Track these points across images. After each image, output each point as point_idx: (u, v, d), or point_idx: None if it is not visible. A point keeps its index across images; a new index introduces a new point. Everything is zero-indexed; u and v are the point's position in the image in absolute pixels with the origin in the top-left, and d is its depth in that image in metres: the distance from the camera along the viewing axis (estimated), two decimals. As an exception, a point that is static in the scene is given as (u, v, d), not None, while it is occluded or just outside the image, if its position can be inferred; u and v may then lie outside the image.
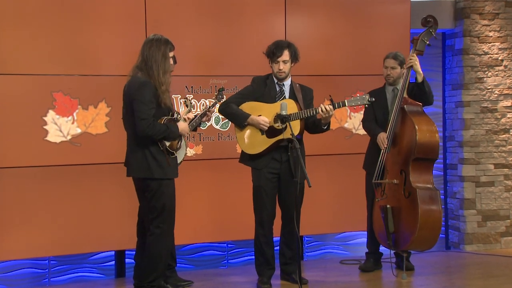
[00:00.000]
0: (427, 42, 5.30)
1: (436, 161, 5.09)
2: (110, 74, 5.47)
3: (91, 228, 5.44)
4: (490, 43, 6.71)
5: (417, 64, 5.25)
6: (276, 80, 5.07)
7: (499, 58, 6.72)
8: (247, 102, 5.06)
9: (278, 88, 5.08)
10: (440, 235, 5.21)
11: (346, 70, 6.17)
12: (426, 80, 5.34)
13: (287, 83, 5.10)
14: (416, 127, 5.09)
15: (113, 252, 5.70)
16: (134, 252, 4.87)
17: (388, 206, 5.19)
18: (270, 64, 5.05)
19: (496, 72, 6.72)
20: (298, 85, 5.13)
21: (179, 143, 4.66)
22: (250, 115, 4.99)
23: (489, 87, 6.71)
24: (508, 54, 6.76)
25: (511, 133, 6.78)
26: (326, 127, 5.04)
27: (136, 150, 4.55)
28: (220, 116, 5.45)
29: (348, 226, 6.27)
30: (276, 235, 5.17)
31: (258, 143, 5.01)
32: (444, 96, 6.95)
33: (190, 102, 4.97)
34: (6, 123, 5.21)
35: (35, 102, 5.27)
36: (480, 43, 6.69)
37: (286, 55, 4.96)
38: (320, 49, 6.14)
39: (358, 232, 5.98)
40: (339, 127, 6.19)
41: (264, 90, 5.07)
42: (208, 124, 5.75)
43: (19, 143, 5.23)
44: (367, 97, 4.89)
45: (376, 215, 5.35)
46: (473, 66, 6.68)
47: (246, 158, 5.09)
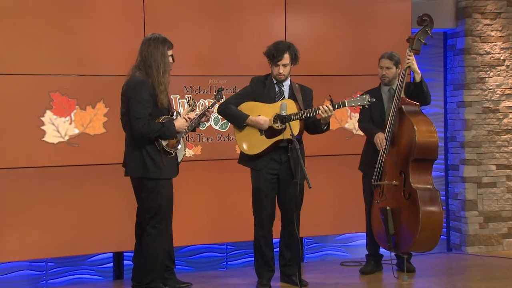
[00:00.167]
0: (424, 41, 5.29)
1: (438, 162, 5.07)
2: (108, 74, 5.45)
3: (89, 230, 5.43)
4: (492, 42, 6.69)
5: (414, 64, 5.25)
6: (275, 81, 5.05)
7: (501, 58, 6.71)
8: (246, 102, 5.04)
9: (277, 89, 5.06)
10: (441, 236, 5.20)
11: (347, 70, 6.16)
12: (424, 80, 5.31)
13: (287, 84, 5.08)
14: (415, 128, 5.06)
15: (111, 254, 5.68)
16: (133, 253, 4.84)
17: (388, 208, 5.17)
18: (269, 64, 5.02)
19: (498, 72, 6.70)
20: (297, 85, 5.11)
21: (178, 142, 4.64)
22: (249, 115, 4.97)
23: (491, 87, 6.69)
24: (510, 54, 6.73)
25: (513, 133, 6.79)
26: (326, 128, 5.02)
27: (134, 150, 4.55)
28: (219, 116, 5.43)
29: (349, 228, 6.26)
30: (276, 237, 5.16)
31: (257, 143, 4.99)
32: (445, 96, 6.94)
33: (193, 101, 4.93)
34: (3, 124, 5.18)
35: (32, 102, 5.25)
36: (482, 42, 6.67)
37: (286, 59, 4.95)
38: (320, 49, 6.13)
39: (359, 233, 5.97)
40: (340, 128, 6.18)
41: (263, 90, 5.05)
42: (207, 124, 5.73)
43: (16, 143, 5.21)
44: (368, 97, 4.88)
45: (375, 217, 5.33)
46: (474, 66, 6.66)
47: (245, 158, 5.07)
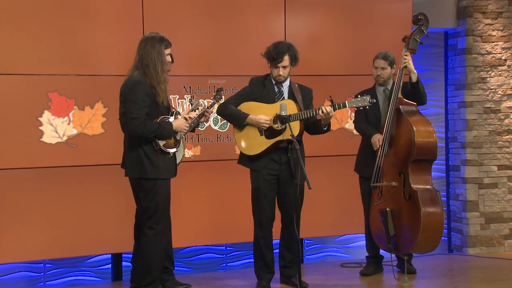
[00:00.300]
0: (420, 41, 5.28)
1: (439, 162, 5.06)
2: (107, 74, 5.44)
3: (87, 231, 5.41)
4: (493, 42, 6.67)
5: (411, 63, 5.24)
6: (274, 81, 5.04)
7: (503, 58, 6.69)
8: (246, 102, 5.03)
9: (276, 89, 5.05)
10: (442, 237, 5.18)
11: (347, 70, 6.14)
12: (420, 79, 5.30)
13: (286, 84, 5.07)
14: (414, 128, 5.04)
15: (109, 255, 5.66)
16: (131, 255, 4.83)
17: (387, 209, 5.14)
18: (269, 65, 5.01)
19: (500, 72, 6.68)
20: (297, 85, 5.10)
21: (177, 143, 4.63)
22: (249, 114, 4.96)
23: (492, 87, 6.68)
24: (512, 54, 6.75)
25: (515, 134, 6.77)
26: (326, 128, 5.01)
27: (131, 150, 4.55)
28: (218, 116, 5.42)
29: (349, 229, 6.24)
30: (276, 238, 5.14)
31: (257, 144, 4.97)
32: (446, 96, 6.92)
33: (196, 100, 4.90)
34: (1, 124, 5.16)
35: (30, 103, 5.23)
36: (483, 42, 6.65)
37: (286, 61, 4.93)
38: (320, 48, 6.12)
39: (359, 234, 5.94)
40: (340, 128, 6.16)
41: (262, 90, 5.04)
42: (207, 125, 5.71)
43: (14, 144, 5.19)
44: (368, 98, 4.87)
45: (374, 218, 5.30)
46: (476, 65, 6.65)
47: (245, 159, 5.06)
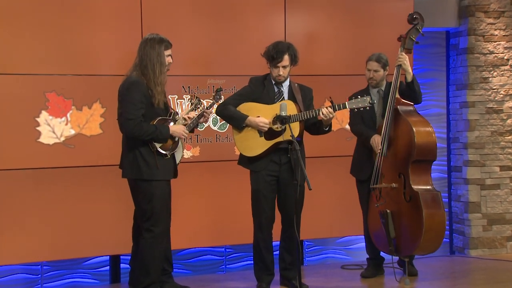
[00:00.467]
0: (415, 40, 5.27)
1: (440, 163, 5.05)
2: (105, 74, 5.42)
3: (85, 232, 5.39)
4: (496, 42, 6.66)
5: (406, 63, 5.23)
6: (274, 82, 5.02)
7: (505, 58, 6.68)
8: (245, 103, 5.01)
9: (276, 89, 5.03)
10: (444, 239, 5.18)
11: (348, 69, 6.11)
12: (417, 79, 5.29)
13: (286, 84, 5.05)
14: (414, 129, 5.03)
15: (107, 257, 5.65)
16: (130, 257, 4.82)
17: (388, 211, 5.12)
18: (268, 65, 4.99)
19: (502, 72, 6.67)
20: (297, 85, 5.08)
21: (175, 144, 4.61)
22: (248, 116, 4.94)
23: (494, 87, 6.66)
24: (514, 53, 6.75)
25: (517, 134, 6.76)
26: (327, 129, 5.00)
27: (128, 151, 4.56)
28: (218, 117, 5.39)
29: (350, 230, 6.22)
30: (276, 240, 5.12)
31: (256, 145, 4.95)
32: (448, 96, 6.92)
33: (197, 100, 4.87)
34: (-2, 124, 5.17)
35: (28, 103, 5.21)
36: (485, 42, 6.65)
37: (286, 60, 4.91)
38: (320, 48, 6.10)
39: (360, 236, 5.91)
40: (340, 128, 6.14)
41: (262, 91, 5.02)
42: (206, 125, 5.70)
43: (11, 144, 5.17)
44: (368, 99, 4.86)
45: (372, 220, 5.27)
46: (478, 65, 6.63)
47: (244, 160, 5.04)
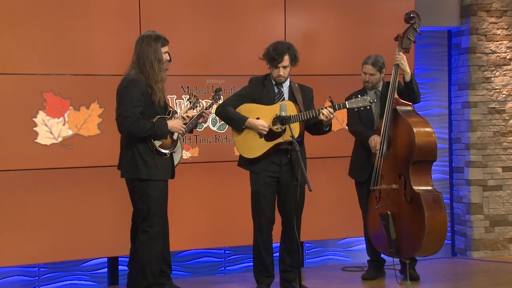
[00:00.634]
0: (413, 39, 5.24)
1: (442, 164, 5.02)
2: (103, 74, 5.41)
3: (83, 234, 5.38)
4: (498, 41, 6.65)
5: (404, 63, 5.19)
6: (274, 82, 5.00)
7: (507, 57, 6.67)
8: (245, 104, 4.98)
9: (276, 90, 5.00)
10: (445, 240, 5.14)
11: (347, 69, 6.08)
12: (415, 78, 5.27)
13: (286, 84, 5.02)
14: (414, 130, 5.00)
15: (105, 259, 5.64)
16: (128, 258, 4.80)
17: (388, 213, 5.10)
18: (268, 66, 4.96)
19: (504, 72, 6.66)
20: (297, 85, 5.06)
21: (174, 143, 4.58)
22: (248, 118, 4.91)
23: (496, 87, 6.65)
24: (517, 53, 6.74)
25: (520, 135, 6.75)
26: (328, 129, 4.98)
27: (126, 150, 4.54)
28: (217, 117, 5.35)
29: (350, 232, 6.20)
30: (276, 241, 5.10)
31: (256, 146, 4.93)
32: (450, 96, 6.91)
33: (195, 99, 4.85)
34: (-5, 125, 5.16)
35: (25, 103, 5.20)
36: (487, 41, 6.63)
37: (286, 61, 4.89)
38: (320, 48, 6.09)
39: (361, 238, 5.89)
40: (341, 129, 6.12)
41: (262, 91, 5.00)
42: (205, 125, 5.68)
43: (8, 145, 5.15)
44: (369, 98, 4.83)
45: (372, 222, 5.25)
46: (480, 65, 6.62)
47: (244, 161, 5.02)
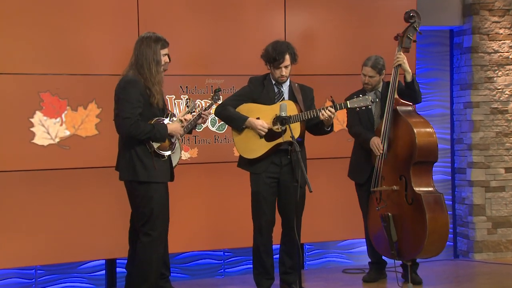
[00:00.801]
0: (413, 39, 5.22)
1: (444, 165, 5.00)
2: (101, 74, 5.39)
3: (80, 236, 5.35)
4: (500, 41, 6.62)
5: (405, 62, 5.17)
6: (274, 82, 4.97)
7: (510, 57, 6.64)
8: (245, 104, 4.96)
9: (276, 89, 4.98)
10: (447, 242, 5.13)
11: (349, 69, 6.04)
12: (416, 78, 5.25)
13: (286, 84, 5.00)
14: (415, 130, 4.97)
15: (103, 261, 5.62)
16: (126, 261, 4.78)
17: (389, 214, 5.06)
18: (268, 66, 4.93)
19: (507, 71, 6.63)
20: (297, 85, 5.04)
21: (172, 145, 4.56)
22: (248, 117, 4.89)
23: (499, 87, 6.62)
24: (519, 53, 6.71)
25: (523, 135, 6.72)
26: (329, 129, 4.96)
27: (124, 152, 4.51)
28: (216, 117, 5.36)
29: (351, 233, 6.17)
30: (276, 243, 5.07)
31: (256, 147, 4.90)
32: (452, 96, 6.88)
33: (192, 102, 4.85)
34: (-9, 125, 5.13)
35: (21, 103, 5.17)
36: (489, 40, 6.60)
37: (287, 60, 4.88)
38: (321, 47, 6.07)
39: (362, 239, 5.89)
40: (341, 129, 6.09)
41: (262, 91, 4.97)
42: (204, 126, 5.66)
43: (4, 146, 5.12)
44: (370, 97, 4.81)
45: (372, 224, 5.22)
46: (482, 65, 6.59)
47: (244, 162, 5.00)
